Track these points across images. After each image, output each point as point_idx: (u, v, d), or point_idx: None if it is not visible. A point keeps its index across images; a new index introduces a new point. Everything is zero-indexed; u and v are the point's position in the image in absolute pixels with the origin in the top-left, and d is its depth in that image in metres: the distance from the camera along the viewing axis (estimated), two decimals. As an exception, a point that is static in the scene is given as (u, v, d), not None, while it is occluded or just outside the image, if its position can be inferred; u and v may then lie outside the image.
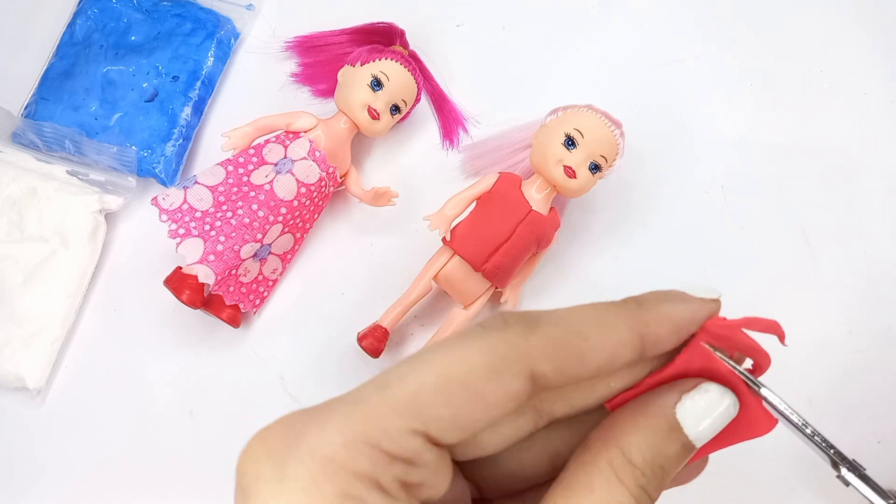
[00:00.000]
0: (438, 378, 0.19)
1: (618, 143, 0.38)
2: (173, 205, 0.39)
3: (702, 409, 0.21)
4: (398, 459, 0.19)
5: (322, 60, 0.46)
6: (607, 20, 0.48)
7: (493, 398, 0.19)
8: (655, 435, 0.21)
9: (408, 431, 0.19)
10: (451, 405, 0.19)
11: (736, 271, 0.43)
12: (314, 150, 0.40)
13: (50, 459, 0.40)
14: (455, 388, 0.19)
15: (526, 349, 0.19)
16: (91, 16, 0.47)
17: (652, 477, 0.20)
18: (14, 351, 0.41)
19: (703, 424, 0.21)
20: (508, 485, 0.24)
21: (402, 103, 0.42)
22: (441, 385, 0.19)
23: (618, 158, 0.39)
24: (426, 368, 0.19)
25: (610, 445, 0.21)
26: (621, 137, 0.38)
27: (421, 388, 0.19)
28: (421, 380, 0.19)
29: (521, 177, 0.40)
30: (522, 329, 0.20)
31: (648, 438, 0.21)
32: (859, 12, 0.48)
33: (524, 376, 0.19)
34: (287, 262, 0.43)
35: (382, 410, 0.19)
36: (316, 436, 0.18)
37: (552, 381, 0.20)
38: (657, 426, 0.21)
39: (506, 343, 0.19)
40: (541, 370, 0.20)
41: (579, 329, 0.20)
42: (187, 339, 0.42)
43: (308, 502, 0.18)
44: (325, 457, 0.18)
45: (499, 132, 0.42)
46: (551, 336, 0.20)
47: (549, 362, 0.20)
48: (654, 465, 0.21)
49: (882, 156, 0.45)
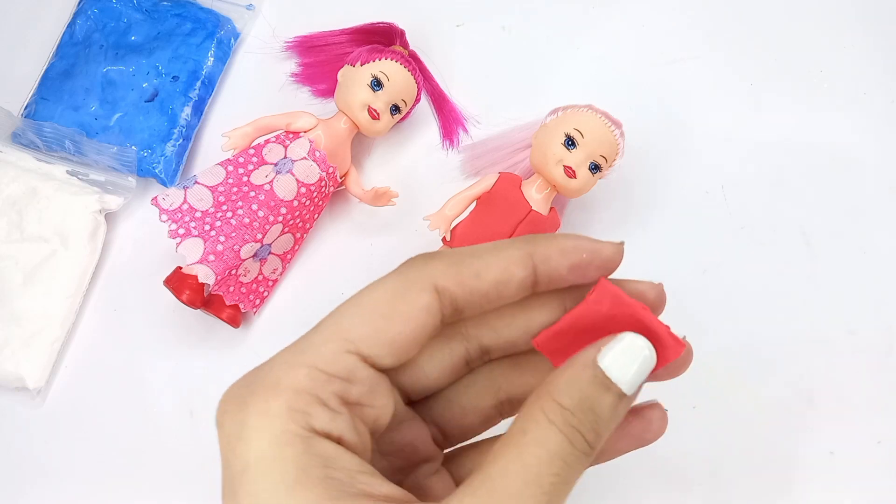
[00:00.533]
0: (359, 308, 0.23)
1: (618, 143, 0.38)
2: (173, 205, 0.39)
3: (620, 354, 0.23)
4: (335, 377, 0.22)
5: (322, 60, 0.46)
6: (607, 20, 0.48)
7: (406, 312, 0.23)
8: (581, 382, 0.23)
9: (341, 352, 0.22)
10: (372, 324, 0.23)
11: (736, 271, 0.43)
12: (314, 150, 0.40)
13: (50, 459, 0.40)
14: (373, 310, 0.23)
15: (428, 269, 0.23)
16: (91, 16, 0.47)
17: (583, 418, 0.22)
18: (14, 351, 0.41)
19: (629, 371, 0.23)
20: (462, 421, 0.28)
21: (402, 103, 0.42)
22: (362, 312, 0.23)
23: (618, 158, 0.39)
24: (350, 305, 0.23)
25: (541, 394, 0.23)
26: (621, 137, 0.38)
27: (345, 318, 0.23)
28: (345, 312, 0.23)
29: (522, 177, 0.40)
30: (425, 258, 0.24)
31: (575, 385, 0.23)
32: (859, 12, 0.48)
33: (428, 290, 0.23)
34: (287, 262, 0.43)
35: (316, 340, 0.23)
36: (266, 372, 0.22)
37: (458, 296, 0.24)
38: (581, 374, 0.23)
39: (411, 269, 0.24)
40: (442, 284, 0.23)
41: (474, 251, 0.24)
42: (187, 339, 0.42)
43: (262, 420, 0.21)
44: (271, 383, 0.22)
45: (499, 132, 0.42)
46: (449, 258, 0.24)
47: (449, 277, 0.23)
48: (584, 407, 0.22)
49: (882, 156, 0.45)
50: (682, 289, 0.41)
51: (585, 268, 0.25)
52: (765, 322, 0.42)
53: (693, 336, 0.38)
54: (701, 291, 0.42)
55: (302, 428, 0.21)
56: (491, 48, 0.48)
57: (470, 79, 0.47)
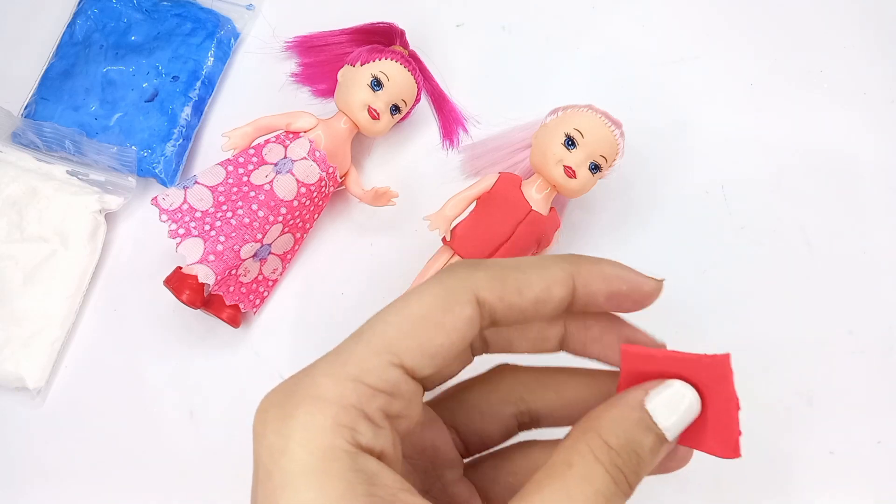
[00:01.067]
0: (403, 318, 0.23)
1: (618, 143, 0.38)
2: (173, 205, 0.39)
3: (667, 400, 0.24)
4: (380, 391, 0.22)
5: (322, 60, 0.46)
6: (607, 20, 0.48)
7: (451, 324, 0.23)
8: (627, 422, 0.23)
9: (386, 365, 0.22)
10: (416, 336, 0.23)
11: (736, 271, 0.43)
12: (314, 150, 0.40)
13: (50, 459, 0.40)
14: (418, 321, 0.23)
15: (471, 281, 0.23)
16: (91, 16, 0.47)
17: (627, 460, 0.23)
18: (14, 351, 0.41)
19: (671, 417, 0.24)
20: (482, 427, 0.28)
21: (402, 103, 0.42)
22: (406, 322, 0.23)
23: (618, 158, 0.39)
24: (392, 313, 0.23)
25: (588, 430, 0.23)
26: (621, 137, 0.38)
27: (390, 327, 0.23)
28: (389, 321, 0.23)
29: (522, 177, 0.40)
30: (468, 268, 0.24)
31: (622, 425, 0.23)
32: (859, 12, 0.48)
33: (472, 303, 0.23)
34: (287, 262, 0.43)
35: (361, 352, 0.22)
36: (308, 383, 0.22)
37: (497, 309, 0.24)
38: (628, 415, 0.23)
39: (454, 279, 0.23)
40: (484, 296, 0.23)
41: (518, 265, 0.24)
42: (187, 339, 0.42)
43: (307, 434, 0.21)
44: (317, 396, 0.21)
45: (499, 132, 0.42)
46: (492, 270, 0.24)
47: (492, 291, 0.23)
48: (629, 449, 0.23)
49: (882, 156, 0.45)
50: (682, 289, 0.41)
51: (623, 298, 0.26)
52: (764, 322, 0.42)
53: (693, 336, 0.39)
54: (701, 291, 0.42)
55: (348, 443, 0.21)
56: (491, 48, 0.48)
57: (470, 79, 0.47)
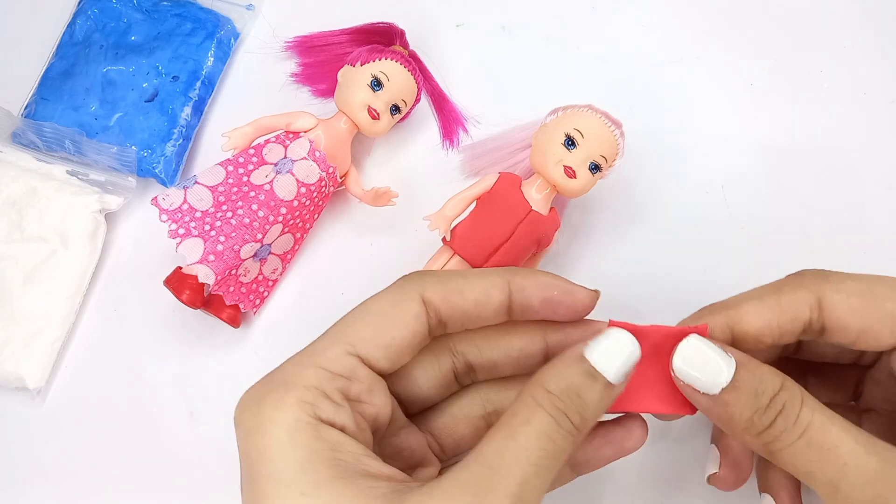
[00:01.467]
0: (360, 315, 0.27)
1: (618, 143, 0.38)
2: (173, 205, 0.39)
3: (607, 348, 0.26)
4: (337, 375, 0.26)
5: (322, 60, 0.46)
6: (607, 20, 0.48)
7: (400, 318, 0.27)
8: (567, 368, 0.26)
9: (343, 354, 0.26)
10: (370, 329, 0.27)
11: (736, 271, 0.43)
12: (314, 151, 0.40)
13: (50, 459, 0.40)
14: (372, 317, 0.27)
15: (418, 284, 0.28)
16: (91, 16, 0.47)
17: (569, 402, 0.25)
18: (14, 351, 0.41)
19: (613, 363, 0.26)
20: (454, 430, 0.31)
21: (402, 103, 0.42)
22: (362, 319, 0.27)
23: (618, 158, 0.39)
24: (352, 313, 0.28)
25: (532, 384, 0.26)
26: (621, 137, 0.38)
27: (349, 324, 0.27)
28: (348, 320, 0.28)
29: (522, 177, 0.40)
30: (418, 275, 0.28)
31: (562, 371, 0.26)
32: (859, 12, 0.48)
33: (418, 301, 0.27)
34: (287, 262, 0.43)
35: (323, 345, 0.27)
36: (278, 373, 0.26)
37: (442, 309, 0.28)
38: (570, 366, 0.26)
39: (405, 282, 0.28)
40: (429, 296, 0.27)
41: (463, 274, 0.28)
42: (187, 339, 0.42)
43: (276, 412, 0.25)
44: (284, 381, 0.26)
45: (499, 132, 0.42)
46: (439, 276, 0.28)
47: (435, 291, 0.27)
48: (570, 392, 0.25)
49: (882, 156, 0.45)
50: (682, 289, 0.41)
51: (556, 305, 0.28)
52: (765, 322, 0.42)
53: (693, 336, 0.38)
54: (701, 291, 0.42)
55: (310, 417, 0.25)
56: (491, 48, 0.48)
57: (470, 79, 0.47)
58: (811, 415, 0.25)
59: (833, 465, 0.25)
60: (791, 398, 0.26)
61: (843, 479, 0.24)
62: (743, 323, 0.28)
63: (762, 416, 0.26)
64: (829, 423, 0.25)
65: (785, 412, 0.25)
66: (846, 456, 0.24)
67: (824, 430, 0.25)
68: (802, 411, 0.25)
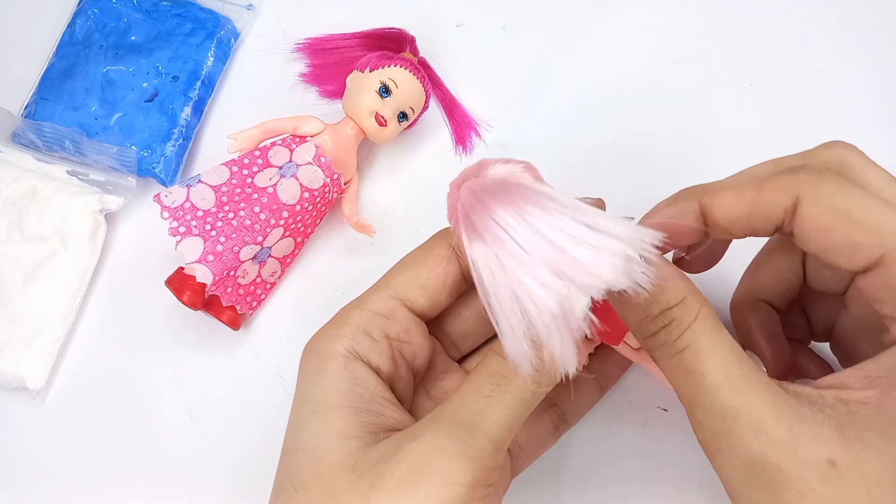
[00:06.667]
0: (399, 264, 0.32)
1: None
2: (175, 202, 0.39)
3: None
4: (378, 315, 0.31)
5: (331, 62, 0.46)
6: (607, 20, 0.48)
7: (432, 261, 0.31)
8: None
9: (385, 297, 0.31)
10: (406, 272, 0.32)
11: (736, 271, 0.43)
12: (320, 156, 0.40)
13: (50, 459, 0.40)
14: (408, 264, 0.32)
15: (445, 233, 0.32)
16: (91, 16, 0.47)
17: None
18: (14, 351, 0.41)
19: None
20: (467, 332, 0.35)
21: (410, 110, 0.42)
22: (400, 266, 0.32)
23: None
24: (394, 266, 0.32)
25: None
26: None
27: (390, 274, 0.32)
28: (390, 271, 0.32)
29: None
30: (443, 230, 0.32)
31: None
32: (859, 12, 0.48)
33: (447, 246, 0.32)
34: (286, 265, 0.43)
35: (369, 292, 0.32)
36: (337, 315, 0.31)
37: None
38: None
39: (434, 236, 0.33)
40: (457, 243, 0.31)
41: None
42: (187, 340, 0.42)
43: (321, 343, 0.30)
44: (336, 321, 0.31)
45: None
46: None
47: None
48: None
49: (882, 156, 0.45)
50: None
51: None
52: (765, 322, 0.42)
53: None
54: (700, 291, 0.42)
55: (345, 349, 0.29)
56: (491, 48, 0.48)
57: (469, 79, 0.47)
58: (693, 337, 0.25)
59: (694, 389, 0.25)
60: (683, 315, 0.25)
61: (698, 406, 0.25)
62: (714, 212, 0.28)
63: (648, 324, 0.26)
64: (708, 352, 0.25)
65: (670, 328, 0.25)
66: (708, 386, 0.24)
67: (699, 357, 0.25)
68: (686, 333, 0.25)
